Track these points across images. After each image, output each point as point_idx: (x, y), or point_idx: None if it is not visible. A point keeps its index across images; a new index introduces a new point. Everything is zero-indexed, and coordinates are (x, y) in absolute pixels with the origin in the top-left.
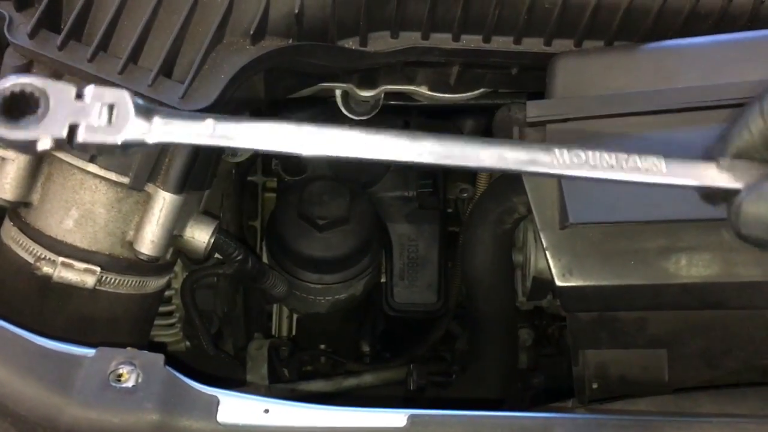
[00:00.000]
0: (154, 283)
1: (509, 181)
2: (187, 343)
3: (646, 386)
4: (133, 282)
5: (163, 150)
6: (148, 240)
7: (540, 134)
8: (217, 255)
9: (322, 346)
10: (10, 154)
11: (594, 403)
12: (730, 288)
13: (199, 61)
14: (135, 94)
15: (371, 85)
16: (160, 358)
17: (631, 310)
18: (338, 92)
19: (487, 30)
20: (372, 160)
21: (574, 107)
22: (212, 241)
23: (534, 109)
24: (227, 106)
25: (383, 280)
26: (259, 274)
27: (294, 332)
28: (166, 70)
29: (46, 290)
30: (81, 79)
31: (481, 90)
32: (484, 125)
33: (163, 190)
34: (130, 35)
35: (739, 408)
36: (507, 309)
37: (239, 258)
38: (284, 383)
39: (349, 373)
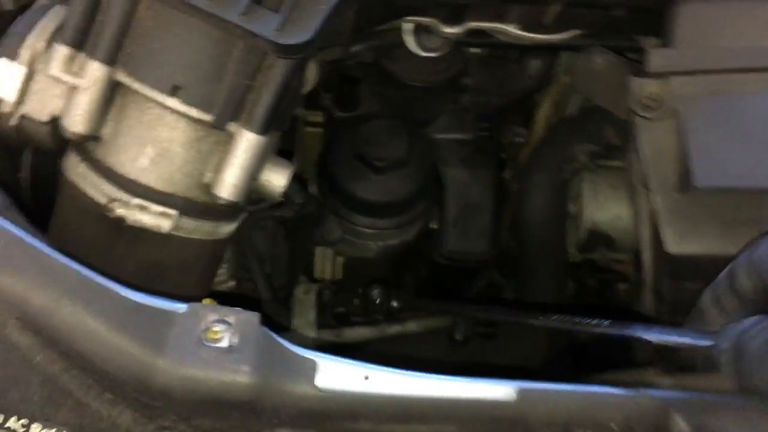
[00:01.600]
0: (226, 228)
1: (570, 128)
2: (231, 283)
3: None
4: (207, 227)
5: (249, 86)
6: (230, 184)
7: (663, 87)
8: None
9: (361, 290)
10: (82, 82)
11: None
12: None
13: None
14: (224, 23)
15: (457, 21)
16: (255, 317)
17: None
18: (407, 27)
19: None
20: None
21: (704, 59)
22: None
23: (658, 59)
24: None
25: (433, 225)
26: (317, 218)
27: (337, 275)
28: None
29: (116, 233)
30: (163, 2)
31: (574, 32)
32: (548, 66)
33: (247, 130)
34: None
35: None
36: (559, 259)
37: (300, 201)
38: (329, 328)
39: (392, 320)
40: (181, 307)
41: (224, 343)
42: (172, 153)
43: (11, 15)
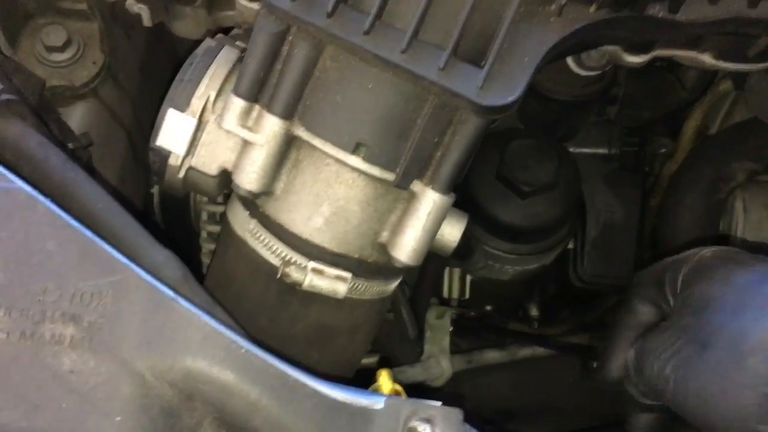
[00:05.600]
0: (393, 285)
1: (728, 143)
2: None
3: None
4: (378, 287)
5: (437, 143)
6: (410, 248)
7: None
8: None
9: (488, 308)
10: (258, 138)
11: None
12: None
13: (502, 37)
14: (420, 79)
15: (645, 50)
16: (458, 413)
17: None
18: None
19: None
20: None
21: None
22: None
23: None
24: None
25: (571, 246)
26: (468, 251)
27: (467, 295)
28: (456, 48)
29: (288, 295)
30: (351, 53)
31: None
32: (709, 77)
33: (432, 189)
34: (411, 0)
35: None
36: None
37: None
38: (460, 353)
39: (523, 342)
40: (378, 402)
41: None
42: (348, 212)
43: (144, 34)
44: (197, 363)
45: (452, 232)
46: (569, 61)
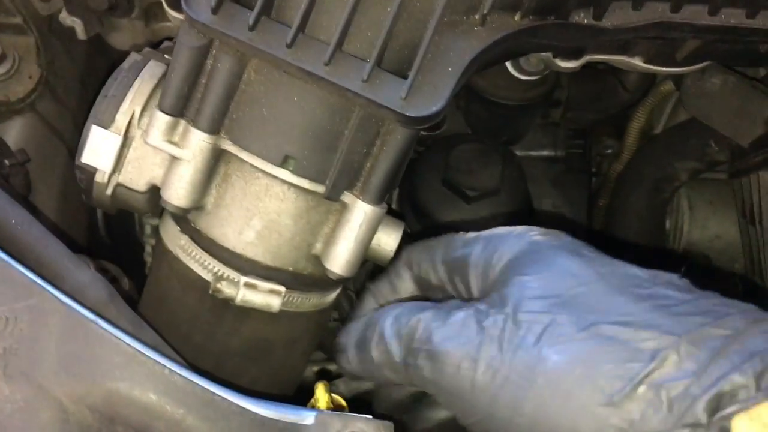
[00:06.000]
0: (332, 296)
1: (670, 143)
2: None
3: None
4: (315, 299)
5: (366, 153)
6: (344, 259)
7: None
8: None
9: None
10: (185, 153)
11: None
12: None
13: (425, 48)
14: (344, 91)
15: (576, 56)
16: (388, 426)
17: None
18: None
19: (757, 1)
20: None
21: None
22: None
23: None
24: None
25: None
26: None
27: None
28: (380, 59)
29: (222, 311)
30: (274, 66)
31: (706, 63)
32: (650, 79)
33: (362, 201)
34: (334, 11)
35: None
36: None
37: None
38: None
39: None
40: (308, 418)
41: None
42: (280, 225)
43: (83, 46)
44: (117, 386)
45: (388, 241)
46: (509, 66)
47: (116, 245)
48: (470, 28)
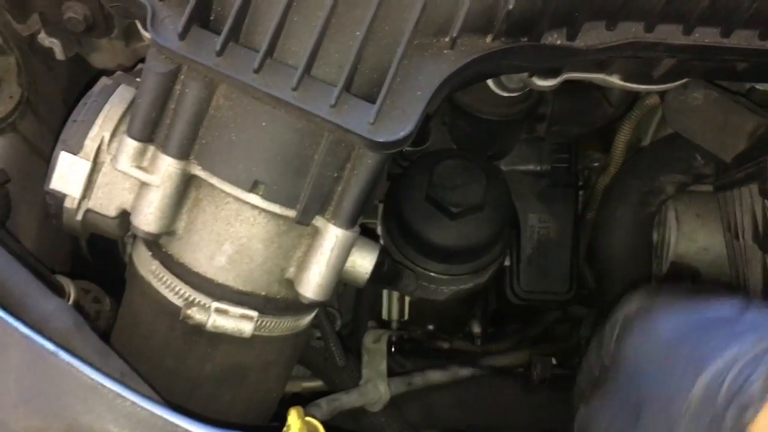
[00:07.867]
0: (306, 320)
1: (656, 157)
2: None
3: None
4: (288, 323)
5: (336, 178)
6: (315, 283)
7: None
8: None
9: (431, 327)
10: (153, 179)
11: None
12: None
13: (393, 72)
14: (312, 116)
15: (553, 75)
16: None
17: None
18: None
19: (731, 21)
20: None
21: None
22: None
23: None
24: None
25: (507, 263)
26: (395, 276)
27: (406, 317)
28: (349, 84)
29: (194, 337)
30: (243, 91)
31: (684, 80)
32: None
33: (334, 225)
34: (302, 36)
35: None
36: None
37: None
38: (399, 375)
39: (464, 362)
40: None
41: None
42: (251, 250)
43: (65, 65)
44: (78, 419)
45: (363, 263)
46: (490, 83)
47: (99, 264)
48: (440, 52)
